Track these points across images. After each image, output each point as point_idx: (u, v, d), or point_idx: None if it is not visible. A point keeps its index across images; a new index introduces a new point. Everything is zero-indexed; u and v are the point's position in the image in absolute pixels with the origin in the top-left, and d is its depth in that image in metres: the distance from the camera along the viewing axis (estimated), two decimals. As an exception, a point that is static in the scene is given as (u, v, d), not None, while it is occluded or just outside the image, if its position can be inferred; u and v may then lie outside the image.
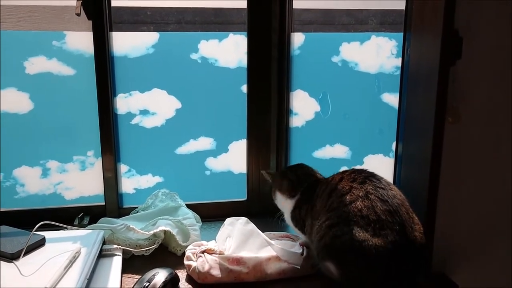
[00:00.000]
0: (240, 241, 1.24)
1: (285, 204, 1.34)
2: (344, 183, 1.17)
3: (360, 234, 1.06)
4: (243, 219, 1.31)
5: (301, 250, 1.24)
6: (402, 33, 1.32)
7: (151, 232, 1.29)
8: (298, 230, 1.31)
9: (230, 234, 1.29)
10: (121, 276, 1.18)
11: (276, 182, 1.37)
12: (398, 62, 1.35)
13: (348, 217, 1.09)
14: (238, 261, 1.18)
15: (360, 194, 1.11)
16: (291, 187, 1.32)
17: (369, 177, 1.16)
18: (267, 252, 1.22)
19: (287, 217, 1.34)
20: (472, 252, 1.32)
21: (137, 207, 1.52)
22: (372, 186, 1.13)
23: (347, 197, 1.12)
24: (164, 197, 1.51)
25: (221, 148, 1.60)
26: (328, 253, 1.12)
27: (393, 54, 1.39)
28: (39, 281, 1.01)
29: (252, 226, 1.29)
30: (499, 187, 1.31)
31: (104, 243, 1.28)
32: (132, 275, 1.19)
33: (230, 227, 1.31)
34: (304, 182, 1.31)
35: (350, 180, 1.17)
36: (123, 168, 1.55)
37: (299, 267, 1.20)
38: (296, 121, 1.57)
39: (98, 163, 1.52)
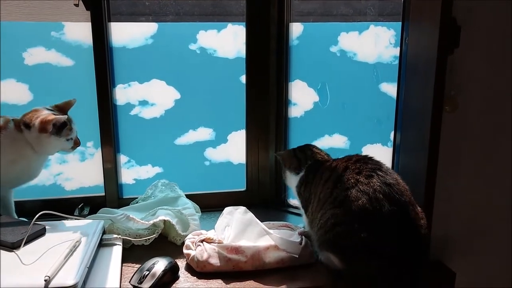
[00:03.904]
0: (239, 230, 1.25)
1: (291, 180, 1.36)
2: (349, 174, 1.14)
3: (365, 235, 1.05)
4: (242, 208, 1.32)
5: (299, 239, 1.25)
6: (400, 23, 1.31)
7: (151, 222, 1.30)
8: (302, 210, 1.31)
9: (228, 223, 1.30)
10: (121, 265, 1.19)
11: (286, 160, 1.38)
12: (397, 51, 1.35)
13: (354, 216, 1.07)
14: (237, 250, 1.19)
15: (367, 190, 1.08)
16: (297, 164, 1.33)
17: (375, 170, 1.12)
18: (265, 241, 1.23)
19: (294, 192, 1.35)
20: (469, 240, 1.33)
21: (137, 198, 1.53)
22: (380, 182, 1.09)
23: (353, 192, 1.09)
24: (163, 187, 1.52)
25: (220, 139, 1.61)
26: (332, 249, 1.13)
27: (391, 44, 1.39)
28: (39, 270, 1.02)
29: (250, 215, 1.29)
30: (497, 175, 1.31)
31: (104, 233, 1.29)
32: (132, 264, 1.20)
33: (229, 216, 1.31)
34: (309, 160, 1.31)
35: (356, 172, 1.13)
36: (122, 158, 1.56)
37: (297, 256, 1.20)
38: (295, 111, 1.58)
39: (98, 154, 1.53)
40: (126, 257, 1.23)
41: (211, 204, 1.58)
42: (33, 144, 1.27)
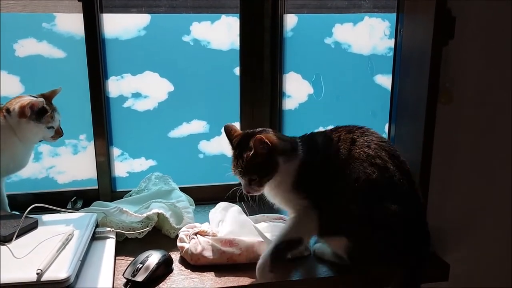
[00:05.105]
0: (233, 228, 1.23)
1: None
2: (360, 149, 1.09)
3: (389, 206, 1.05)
4: (236, 207, 1.31)
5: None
6: (395, 14, 1.30)
7: (144, 215, 1.29)
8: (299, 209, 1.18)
9: (223, 218, 1.29)
10: (115, 258, 1.18)
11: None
12: (391, 43, 1.34)
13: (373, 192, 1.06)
14: (231, 242, 1.18)
15: (381, 164, 1.07)
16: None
17: (383, 145, 1.10)
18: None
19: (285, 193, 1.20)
20: (464, 232, 1.33)
21: (130, 191, 1.52)
22: (394, 161, 1.08)
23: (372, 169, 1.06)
24: (157, 180, 1.51)
25: (214, 131, 1.60)
26: (345, 230, 1.10)
27: (386, 35, 1.38)
28: (32, 263, 1.01)
29: (244, 217, 1.28)
30: (491, 167, 1.31)
31: (97, 226, 1.28)
32: (126, 257, 1.20)
33: (224, 212, 1.30)
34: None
35: (365, 145, 1.09)
36: (115, 151, 1.55)
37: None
38: (289, 104, 1.57)
39: (91, 147, 1.51)
40: (120, 250, 1.22)
41: (205, 197, 1.57)
42: (15, 130, 1.26)
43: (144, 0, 1.50)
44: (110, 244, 1.22)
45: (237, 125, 1.58)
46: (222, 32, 1.52)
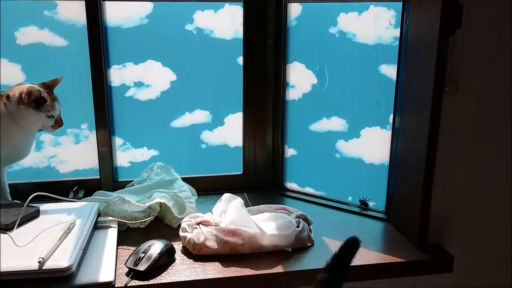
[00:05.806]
0: (236, 218, 1.22)
1: None
2: None
3: None
4: (239, 199, 1.29)
5: (296, 223, 1.24)
6: (401, 3, 1.29)
7: (147, 205, 1.28)
8: None
9: (225, 209, 1.28)
10: (117, 248, 1.17)
11: None
12: (397, 32, 1.32)
13: None
14: (234, 232, 1.17)
15: None
16: None
17: None
18: (262, 226, 1.21)
19: None
20: (469, 223, 1.32)
21: (132, 181, 1.51)
22: None
23: None
24: (159, 170, 1.50)
25: (217, 121, 1.59)
26: None
27: (391, 25, 1.36)
28: (33, 252, 1.00)
29: (245, 211, 1.26)
30: (497, 159, 1.30)
31: (99, 215, 1.28)
32: (128, 247, 1.19)
33: (227, 203, 1.29)
34: None
35: None
36: (117, 141, 1.54)
37: (290, 250, 1.19)
38: (292, 94, 1.56)
39: (93, 136, 1.51)
40: (122, 240, 1.22)
41: (207, 188, 1.57)
42: (15, 118, 1.25)
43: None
44: (112, 234, 1.22)
45: (240, 115, 1.57)
46: (226, 21, 1.51)
